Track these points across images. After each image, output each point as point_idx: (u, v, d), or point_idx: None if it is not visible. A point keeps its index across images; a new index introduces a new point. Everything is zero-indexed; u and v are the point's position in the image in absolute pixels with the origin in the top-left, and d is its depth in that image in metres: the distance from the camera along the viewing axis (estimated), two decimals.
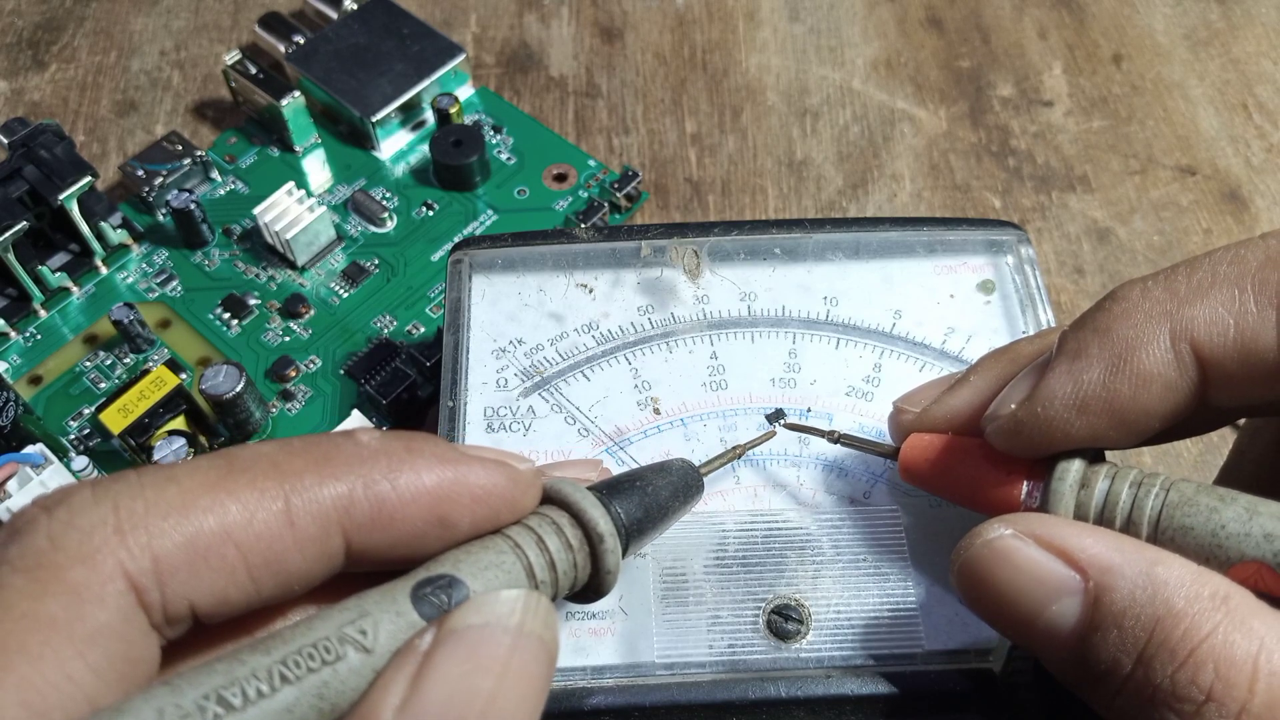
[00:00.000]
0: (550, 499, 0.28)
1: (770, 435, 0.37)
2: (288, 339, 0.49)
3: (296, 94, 0.54)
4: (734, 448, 0.35)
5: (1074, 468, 0.29)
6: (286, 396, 0.47)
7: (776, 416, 0.38)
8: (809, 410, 0.38)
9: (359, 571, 0.25)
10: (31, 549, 0.21)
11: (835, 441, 0.35)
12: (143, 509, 0.22)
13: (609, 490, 0.29)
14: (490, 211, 0.53)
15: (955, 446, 0.31)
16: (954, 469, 0.31)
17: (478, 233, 0.53)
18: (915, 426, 0.33)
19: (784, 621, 0.33)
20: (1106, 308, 0.28)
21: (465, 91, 0.57)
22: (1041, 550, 0.26)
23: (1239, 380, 0.27)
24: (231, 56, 0.55)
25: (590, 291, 0.41)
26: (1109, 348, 0.27)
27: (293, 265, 0.51)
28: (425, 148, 0.55)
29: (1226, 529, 0.26)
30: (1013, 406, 0.29)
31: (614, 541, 0.27)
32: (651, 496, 0.30)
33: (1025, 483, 0.30)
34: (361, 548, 0.24)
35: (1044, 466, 0.29)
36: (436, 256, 0.52)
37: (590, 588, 0.28)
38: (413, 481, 0.24)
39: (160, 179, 0.53)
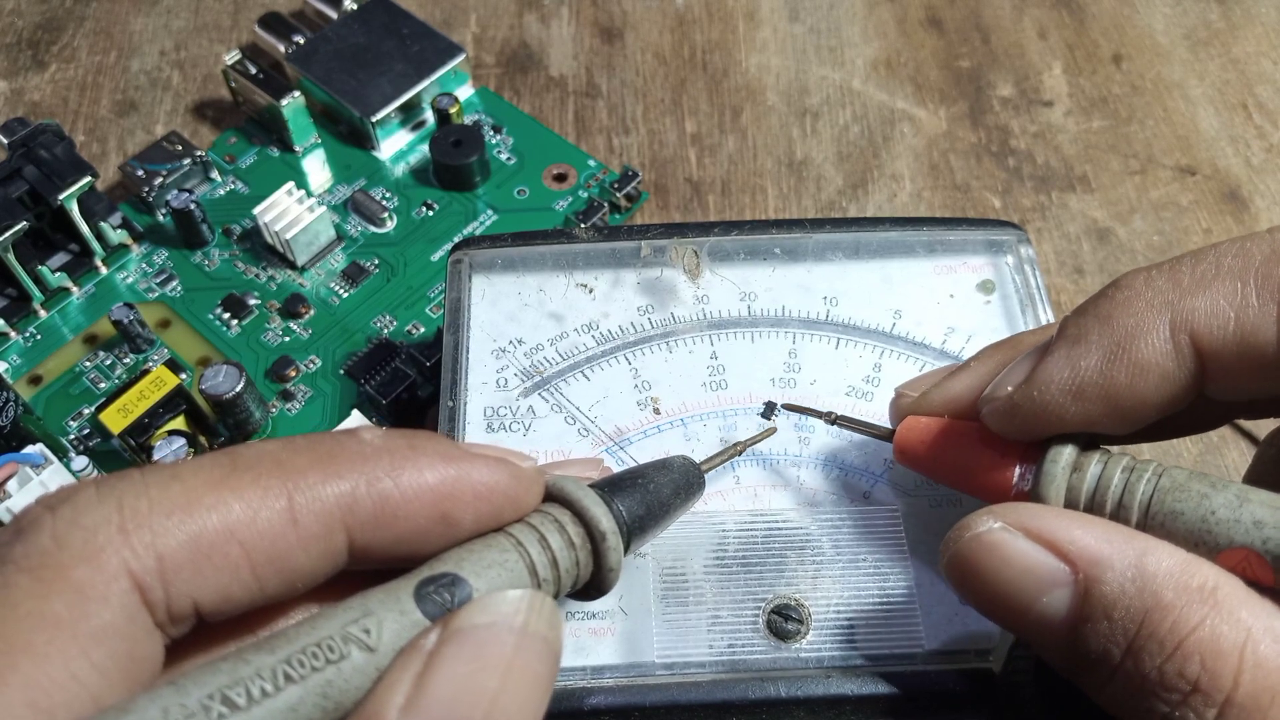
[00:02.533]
0: (552, 497, 0.28)
1: (771, 432, 0.37)
2: (288, 339, 0.49)
3: (296, 94, 0.54)
4: (735, 444, 0.35)
5: (1067, 451, 0.29)
6: (286, 396, 0.47)
7: (770, 410, 0.38)
8: None
9: (362, 569, 0.25)
10: (36, 548, 0.21)
11: (832, 423, 0.35)
12: (147, 507, 0.22)
13: (611, 488, 0.29)
14: (490, 211, 0.53)
15: (950, 429, 0.32)
16: (948, 451, 0.31)
17: (478, 233, 0.53)
18: (914, 410, 0.33)
19: (784, 621, 0.33)
20: (1109, 295, 0.28)
21: (465, 91, 0.57)
22: (1030, 543, 0.26)
23: (1237, 373, 0.27)
24: (231, 56, 0.55)
25: (590, 291, 0.41)
26: (1109, 335, 0.27)
27: (293, 265, 0.51)
28: (425, 148, 0.55)
29: (1216, 515, 0.26)
30: (1009, 389, 0.29)
31: (616, 539, 0.27)
32: (653, 494, 0.30)
33: (1018, 466, 0.30)
34: (364, 545, 0.24)
35: (1037, 450, 0.29)
36: (436, 256, 0.52)
37: (592, 585, 0.28)
38: (416, 479, 0.25)
39: (160, 179, 0.53)
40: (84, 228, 0.50)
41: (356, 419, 0.45)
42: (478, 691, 0.22)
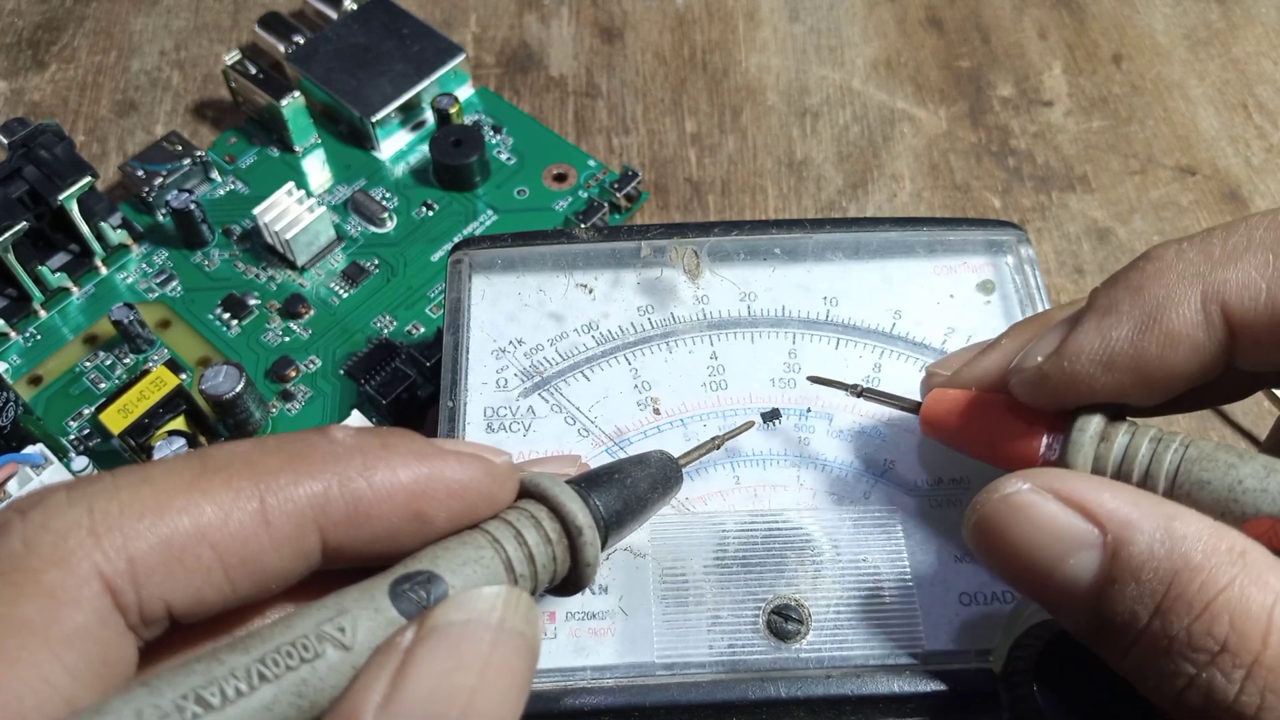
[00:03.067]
0: (528, 493, 0.28)
1: (749, 425, 0.37)
2: (288, 339, 0.49)
3: (296, 94, 0.54)
4: (713, 439, 0.35)
5: (1095, 420, 0.29)
6: (286, 397, 0.47)
7: (772, 416, 0.38)
8: (809, 410, 0.38)
9: (337, 569, 0.25)
10: (6, 553, 0.21)
11: (858, 395, 0.35)
12: (118, 510, 0.22)
13: (587, 483, 0.29)
14: (490, 211, 0.53)
15: (977, 400, 0.32)
16: (975, 422, 0.32)
17: (478, 233, 0.53)
18: (946, 389, 0.33)
19: (784, 622, 0.33)
20: (1140, 266, 0.28)
21: (465, 91, 0.57)
22: (1060, 504, 0.26)
23: (1267, 344, 0.27)
24: (231, 56, 0.55)
25: (590, 291, 0.41)
26: (1140, 306, 0.28)
27: (293, 265, 0.51)
28: (425, 148, 0.55)
29: (1244, 484, 0.26)
30: (1039, 359, 0.29)
31: (593, 534, 0.27)
32: (630, 488, 0.30)
33: (1045, 435, 0.30)
34: (338, 545, 0.24)
35: (1064, 420, 0.30)
36: (436, 256, 0.52)
37: (570, 580, 0.28)
38: (388, 478, 0.25)
39: (160, 179, 0.53)
40: (84, 228, 0.50)
41: (356, 419, 0.45)
42: (455, 689, 0.22)
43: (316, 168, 0.55)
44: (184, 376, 0.45)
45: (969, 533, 0.28)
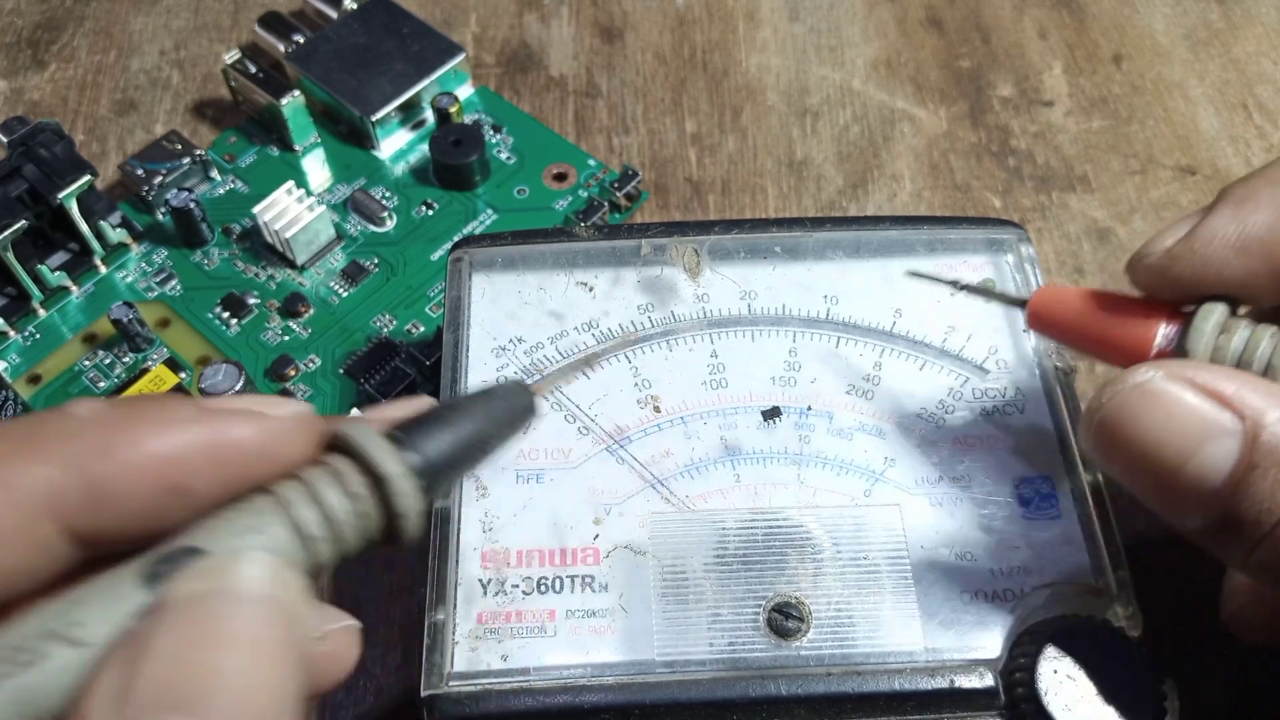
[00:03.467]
0: (334, 446, 0.25)
1: (627, 341, 0.36)
2: (287, 338, 0.49)
3: (296, 93, 0.54)
4: (583, 357, 0.33)
5: (1219, 309, 0.29)
6: (286, 395, 0.47)
7: (773, 414, 0.38)
8: (809, 409, 0.38)
9: (108, 555, 0.22)
10: None
11: (960, 290, 0.36)
12: None
13: (409, 427, 0.26)
14: (490, 211, 0.53)
15: (1088, 293, 0.32)
16: (1085, 313, 0.31)
17: (477, 232, 0.53)
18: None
19: (784, 619, 0.33)
20: (1278, 163, 0.28)
21: (465, 91, 0.57)
22: (1195, 392, 0.26)
23: None
24: (231, 56, 0.55)
25: (590, 290, 0.41)
26: None
27: (292, 264, 0.51)
28: (425, 147, 0.55)
29: None
30: (1168, 244, 0.29)
31: (404, 482, 0.24)
32: (462, 426, 0.26)
33: (1163, 324, 0.30)
34: (88, 532, 0.22)
35: (1180, 315, 0.29)
36: (436, 256, 0.52)
37: (389, 534, 0.25)
38: (132, 452, 0.22)
39: (160, 178, 0.53)
40: (83, 227, 0.50)
41: None
42: (194, 666, 0.19)
43: (316, 167, 0.55)
44: (183, 375, 0.45)
45: (1090, 431, 0.28)
